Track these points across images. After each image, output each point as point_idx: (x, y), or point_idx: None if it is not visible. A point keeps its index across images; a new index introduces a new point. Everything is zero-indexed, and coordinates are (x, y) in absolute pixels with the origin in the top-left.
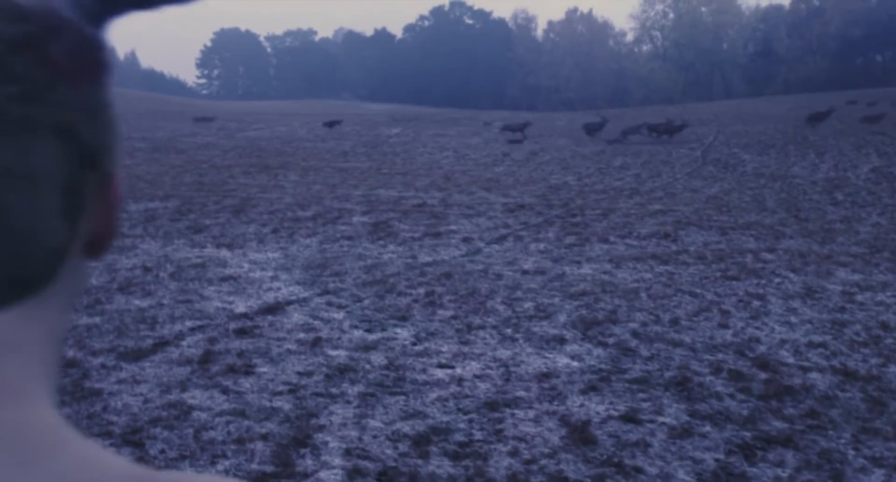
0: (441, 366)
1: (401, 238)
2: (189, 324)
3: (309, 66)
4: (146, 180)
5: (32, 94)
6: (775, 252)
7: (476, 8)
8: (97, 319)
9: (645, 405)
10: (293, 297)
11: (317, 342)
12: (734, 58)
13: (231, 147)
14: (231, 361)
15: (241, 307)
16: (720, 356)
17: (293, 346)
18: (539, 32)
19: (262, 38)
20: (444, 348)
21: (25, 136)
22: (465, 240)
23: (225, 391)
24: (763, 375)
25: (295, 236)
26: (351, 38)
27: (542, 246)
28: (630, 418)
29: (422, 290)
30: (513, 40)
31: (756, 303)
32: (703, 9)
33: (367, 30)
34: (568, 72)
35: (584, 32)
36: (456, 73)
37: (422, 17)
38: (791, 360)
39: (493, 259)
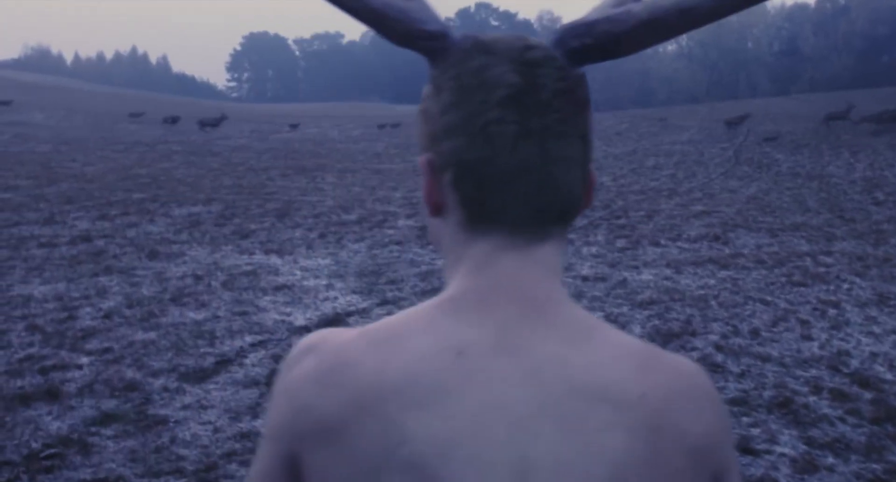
0: None
1: None
2: (249, 339)
3: (337, 68)
4: (186, 184)
5: (568, 119)
6: (832, 255)
7: (501, 9)
8: (153, 334)
9: (755, 432)
10: (352, 308)
11: None
12: (759, 57)
13: (265, 149)
14: None
15: (300, 319)
16: (814, 372)
17: None
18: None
19: (290, 42)
20: None
21: (568, 140)
22: None
23: None
24: (867, 395)
25: (343, 241)
26: (378, 41)
27: (594, 250)
28: (746, 448)
29: None
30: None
31: (832, 311)
32: None
33: None
34: (592, 72)
35: None
36: None
37: (447, 19)
38: (889, 376)
39: None
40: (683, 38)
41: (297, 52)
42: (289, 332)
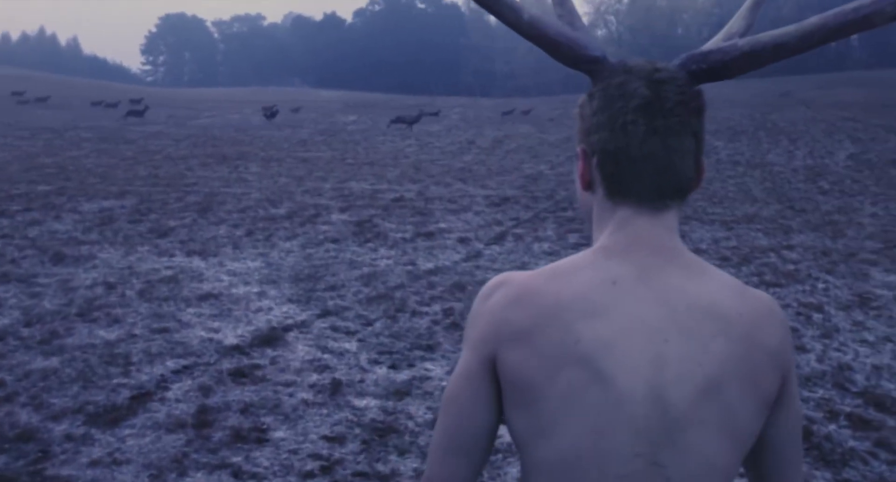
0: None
1: (390, 240)
2: (171, 364)
3: (257, 52)
4: (97, 174)
5: (685, 122)
6: (794, 250)
7: None
8: (55, 361)
9: None
10: (290, 321)
11: (336, 388)
12: (689, 42)
13: (183, 136)
14: (235, 423)
15: (230, 337)
16: (821, 392)
17: (308, 395)
18: (493, 18)
19: (208, 24)
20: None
21: (683, 137)
22: (462, 240)
23: (237, 474)
24: (890, 422)
25: (273, 239)
26: (299, 23)
27: (546, 246)
28: None
29: (437, 307)
30: (466, 25)
31: (817, 316)
32: None
33: (317, 14)
34: (522, 58)
35: None
36: (407, 58)
37: (372, 2)
38: None
39: (500, 264)
40: (613, 23)
41: (216, 35)
42: (218, 354)
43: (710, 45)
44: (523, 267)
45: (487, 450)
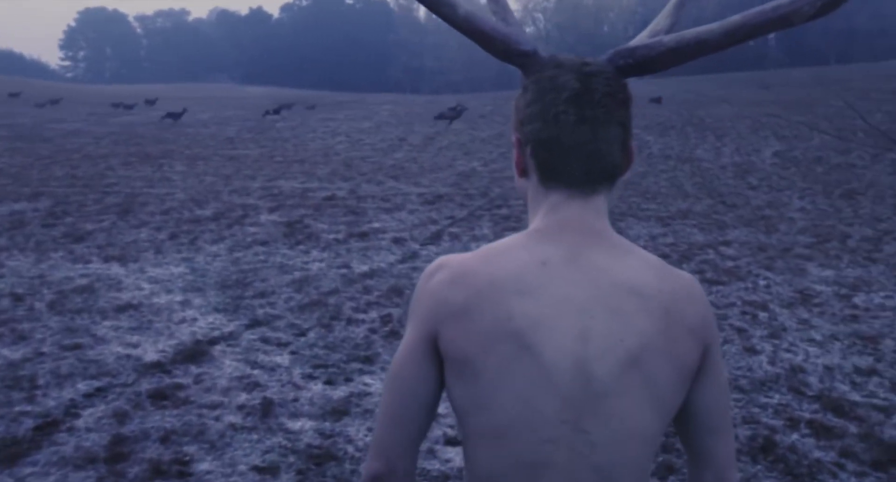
0: (451, 441)
1: (323, 241)
2: (83, 386)
3: (182, 47)
4: (9, 175)
5: (612, 112)
6: (731, 245)
7: None
8: None
9: None
10: (216, 333)
11: (267, 408)
12: (615, 40)
13: (104, 134)
14: (154, 454)
15: (150, 352)
16: (778, 398)
17: (236, 418)
18: (422, 13)
19: (131, 19)
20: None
21: (611, 126)
22: (396, 241)
23: None
24: (852, 428)
25: (198, 242)
26: (224, 18)
27: (483, 245)
28: None
29: (374, 314)
30: (395, 21)
31: (762, 314)
32: None
33: (242, 9)
34: (452, 54)
35: None
36: (336, 54)
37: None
38: (857, 397)
39: None
40: (541, 21)
41: (139, 30)
42: (136, 373)
43: (636, 41)
44: None
45: (430, 419)
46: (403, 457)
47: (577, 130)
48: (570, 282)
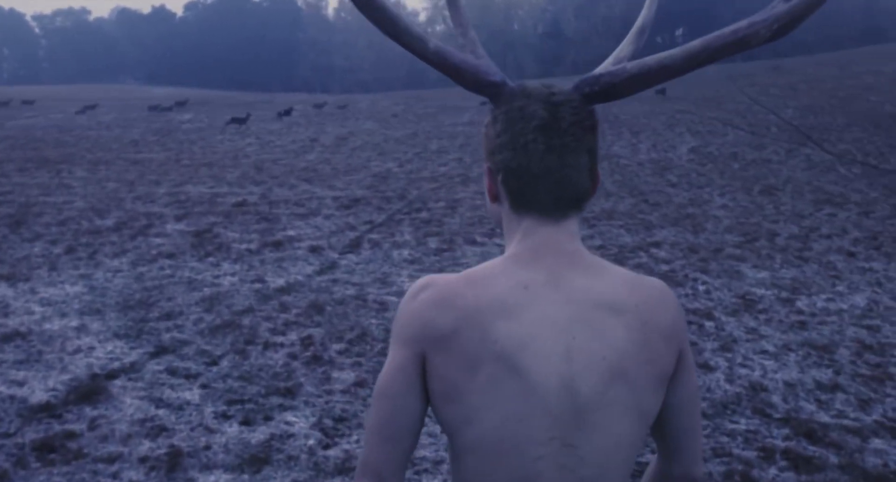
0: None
1: (234, 252)
2: None
3: (83, 47)
4: None
5: (580, 140)
6: (661, 247)
7: None
8: None
9: None
10: (116, 364)
11: (175, 460)
12: (525, 38)
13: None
14: None
15: (38, 391)
16: (745, 423)
17: (138, 475)
18: (330, 11)
19: (28, 18)
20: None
21: (579, 153)
22: (314, 250)
23: None
24: (831, 457)
25: (98, 256)
26: (126, 17)
27: (406, 253)
28: None
29: (294, 336)
30: (303, 19)
31: (709, 324)
32: None
33: (145, 7)
34: (362, 52)
35: None
36: (243, 53)
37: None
38: (828, 418)
39: (359, 276)
40: (448, 20)
41: (37, 30)
42: (20, 420)
43: (601, 68)
44: (385, 278)
45: (417, 435)
46: (396, 474)
47: (546, 158)
48: (552, 304)
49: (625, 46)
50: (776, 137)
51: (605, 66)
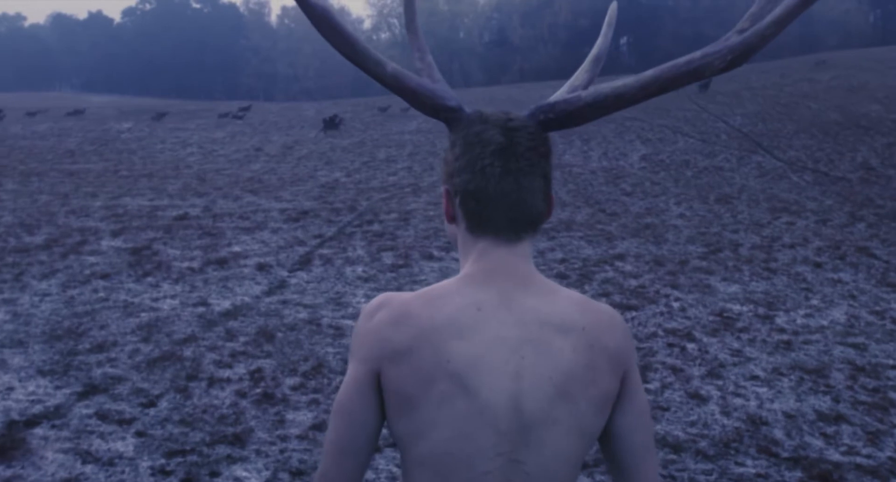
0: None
1: (175, 271)
2: None
3: (18, 54)
4: None
5: (535, 164)
6: (626, 260)
7: None
8: None
9: None
10: (38, 408)
11: None
12: (471, 46)
13: None
14: None
15: None
16: (752, 465)
17: None
18: (273, 18)
19: None
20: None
21: (534, 177)
22: (261, 267)
23: None
24: None
25: (24, 278)
26: (61, 22)
27: (359, 270)
28: None
29: (242, 369)
30: (246, 26)
31: (691, 346)
32: None
33: (81, 13)
34: (306, 60)
35: None
36: (184, 60)
37: (143, 0)
38: (839, 457)
39: (311, 296)
40: (396, 26)
41: None
42: None
43: (556, 96)
44: (339, 298)
45: (374, 449)
46: None
47: (502, 182)
48: (503, 325)
49: (580, 74)
50: (726, 145)
51: (560, 94)
